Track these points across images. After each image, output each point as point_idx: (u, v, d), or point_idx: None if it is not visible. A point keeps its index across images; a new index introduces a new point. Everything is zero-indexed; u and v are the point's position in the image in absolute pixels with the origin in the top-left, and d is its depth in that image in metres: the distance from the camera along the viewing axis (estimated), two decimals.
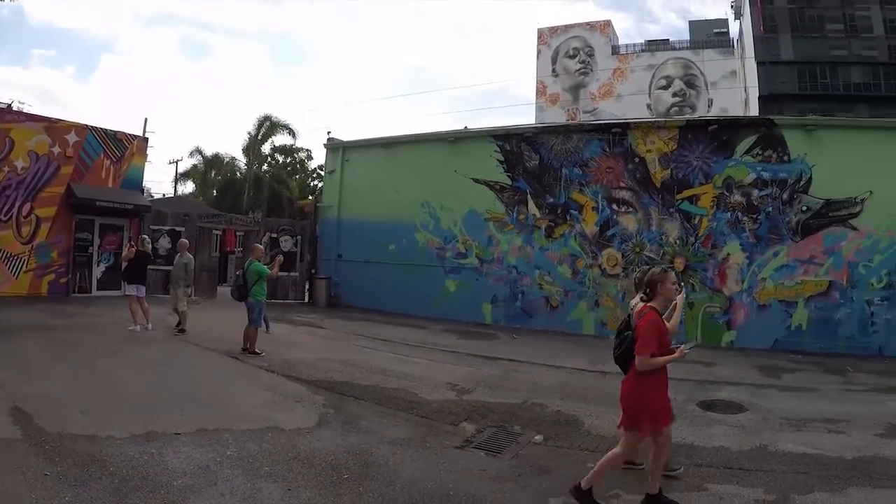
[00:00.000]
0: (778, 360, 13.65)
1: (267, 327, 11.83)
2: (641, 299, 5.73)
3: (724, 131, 16.62)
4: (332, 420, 7.52)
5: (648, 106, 65.57)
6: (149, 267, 14.22)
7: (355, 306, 19.58)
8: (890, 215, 15.20)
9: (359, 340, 13.92)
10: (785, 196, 15.84)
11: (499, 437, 7.27)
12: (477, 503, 5.33)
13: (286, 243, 21.72)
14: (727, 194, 16.18)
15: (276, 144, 51.61)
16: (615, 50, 71.58)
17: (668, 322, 5.76)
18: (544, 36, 73.58)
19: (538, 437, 7.31)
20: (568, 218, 17.52)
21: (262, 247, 14.03)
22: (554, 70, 71.80)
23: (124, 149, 21.17)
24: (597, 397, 9.44)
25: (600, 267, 17.06)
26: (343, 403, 8.34)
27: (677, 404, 9.12)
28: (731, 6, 64.70)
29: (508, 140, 18.60)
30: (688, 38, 72.24)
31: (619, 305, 16.35)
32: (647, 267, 6.55)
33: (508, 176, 18.45)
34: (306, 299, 21.67)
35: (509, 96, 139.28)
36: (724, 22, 71.48)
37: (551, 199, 17.82)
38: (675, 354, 5.34)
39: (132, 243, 15.21)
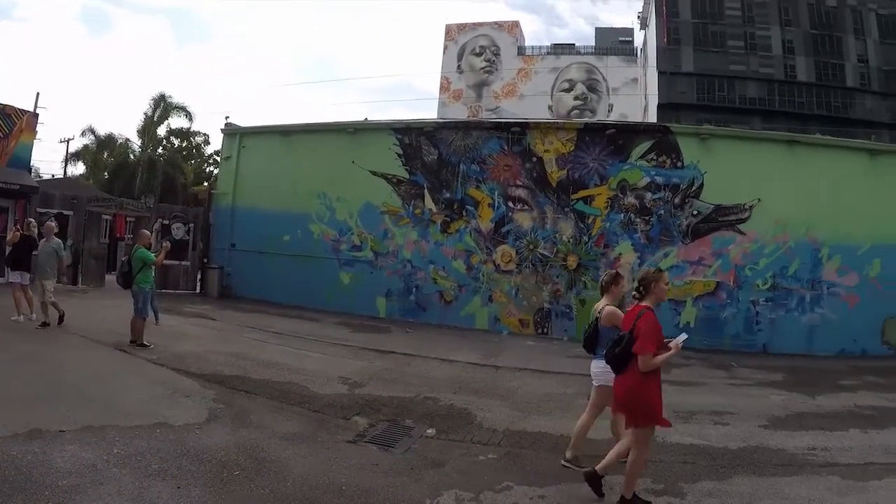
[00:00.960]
0: None
1: (156, 318, 11.46)
2: (634, 297, 5.94)
3: (621, 135, 17.20)
4: (222, 415, 7.29)
5: (550, 107, 66.86)
6: (34, 253, 13.08)
7: (248, 298, 18.97)
8: (776, 222, 16.34)
9: (251, 333, 13.56)
10: (677, 200, 16.54)
11: (391, 431, 7.26)
12: (370, 497, 5.28)
13: (178, 231, 20.68)
14: (621, 196, 16.70)
15: (173, 127, 50.09)
16: (521, 51, 72.73)
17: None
18: (452, 32, 73.92)
19: (431, 431, 7.34)
20: (464, 214, 17.60)
21: (149, 233, 13.30)
22: (459, 67, 72.31)
23: (12, 124, 19.55)
24: (489, 391, 9.65)
25: (494, 263, 17.22)
26: (234, 398, 8.11)
27: (568, 398, 9.45)
28: (638, 17, 66.98)
29: (408, 134, 18.52)
30: (593, 44, 74.11)
31: (512, 301, 16.88)
32: (615, 272, 7.27)
33: (406, 170, 18.36)
34: (198, 290, 20.87)
35: (416, 90, 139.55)
36: (630, 31, 74.22)
37: (448, 195, 17.86)
38: (672, 351, 5.45)
39: (17, 227, 14.15)
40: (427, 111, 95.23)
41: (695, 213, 16.51)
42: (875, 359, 15.48)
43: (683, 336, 5.57)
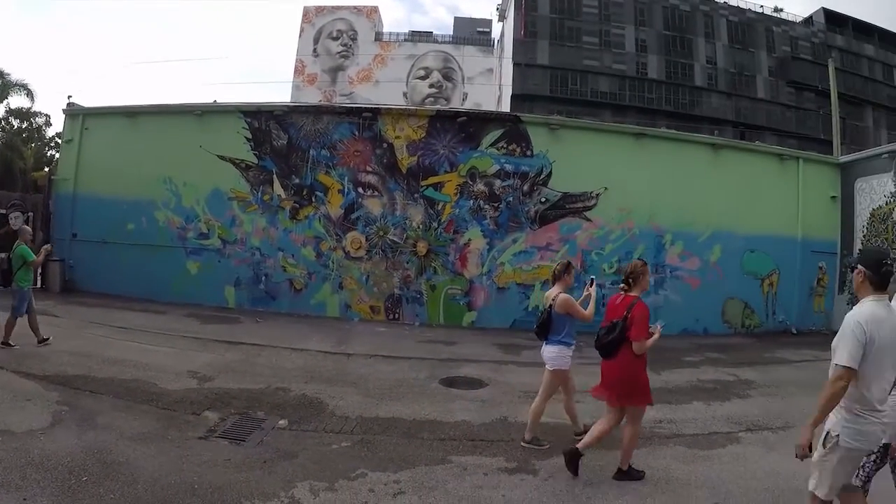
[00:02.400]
0: (517, 339, 14.52)
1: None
2: (621, 289, 6.35)
3: (473, 123, 17.51)
4: (66, 418, 6.99)
5: (405, 94, 66.96)
6: None
7: (93, 291, 17.87)
8: (621, 210, 17.45)
9: (96, 329, 12.83)
10: (526, 188, 17.14)
11: (243, 424, 7.22)
12: (223, 494, 5.26)
13: (16, 220, 18.40)
14: (471, 183, 17.08)
15: (12, 107, 46.29)
16: (379, 36, 72.27)
17: (586, 311, 7.17)
18: (310, 14, 72.37)
19: (283, 422, 7.35)
20: (313, 200, 17.36)
21: (29, 228, 12.60)
22: (315, 50, 71.00)
23: None
24: (341, 379, 9.74)
25: (344, 250, 17.14)
26: (78, 399, 7.75)
27: (420, 382, 9.61)
28: (497, 8, 68.02)
29: (258, 117, 17.93)
30: (451, 33, 74.79)
31: (363, 287, 16.94)
32: (567, 262, 7.63)
33: (255, 154, 17.80)
34: (38, 284, 19.59)
35: (272, 73, 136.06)
36: (489, 22, 75.38)
37: (297, 180, 17.53)
38: (656, 335, 6.07)
39: None
40: (281, 95, 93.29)
41: (543, 200, 17.19)
42: (716, 336, 17.13)
43: (662, 323, 6.25)
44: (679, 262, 17.92)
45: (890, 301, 4.22)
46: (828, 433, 4.29)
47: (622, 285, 6.39)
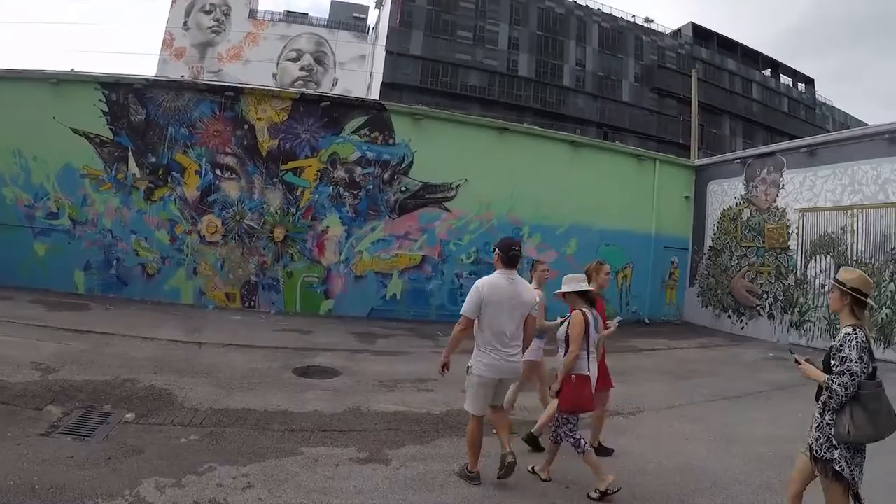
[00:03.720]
0: (374, 328, 14.72)
1: None
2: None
3: (337, 109, 17.39)
4: None
5: (274, 76, 66.00)
6: None
7: None
8: (480, 201, 17.94)
9: None
10: (386, 176, 17.30)
11: (88, 418, 6.87)
12: (64, 494, 4.96)
13: None
14: (331, 169, 17.00)
15: None
16: (253, 14, 70.88)
17: (542, 322, 7.62)
18: None
19: (130, 416, 7.06)
20: (169, 180, 16.56)
21: None
22: (186, 23, 68.65)
23: None
24: (192, 369, 9.44)
25: (199, 234, 16.53)
26: None
27: (273, 372, 9.49)
28: None
29: (116, 90, 16.79)
30: (327, 16, 73.91)
31: (218, 274, 16.42)
32: (535, 260, 8.53)
33: (111, 129, 16.65)
34: None
35: (138, 43, 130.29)
36: (365, 9, 75.30)
37: (154, 159, 16.62)
38: (612, 328, 6.96)
39: None
40: (149, 68, 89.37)
41: (403, 189, 17.43)
42: None
43: (620, 318, 6.75)
44: (537, 255, 18.31)
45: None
46: (469, 366, 5.99)
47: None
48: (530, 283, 7.44)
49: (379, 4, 65.14)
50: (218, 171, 16.73)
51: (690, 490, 6.05)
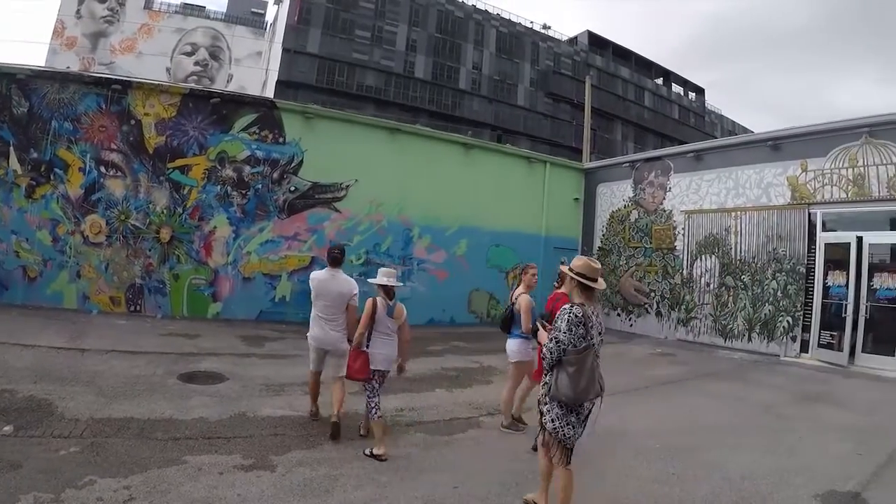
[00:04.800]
0: (262, 331, 14.54)
1: None
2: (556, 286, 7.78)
3: (227, 105, 16.92)
4: None
5: (168, 70, 64.22)
6: None
7: None
8: (371, 202, 17.96)
9: None
10: (275, 175, 16.99)
11: None
12: None
13: None
14: (219, 168, 16.51)
15: None
16: (149, 4, 68.47)
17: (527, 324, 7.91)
18: None
19: (8, 429, 6.65)
20: (52, 177, 15.54)
21: None
22: (79, 11, 65.50)
23: None
24: (73, 377, 9.01)
25: (83, 234, 15.59)
26: None
27: (157, 379, 9.21)
28: None
29: None
30: (225, 10, 72.61)
31: (102, 276, 15.57)
32: (525, 265, 8.96)
33: None
34: None
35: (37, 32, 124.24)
36: (264, 4, 74.05)
37: (36, 155, 15.54)
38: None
39: None
40: (37, 57, 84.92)
41: (292, 189, 17.17)
42: (462, 326, 18.32)
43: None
44: (426, 255, 18.89)
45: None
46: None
47: (556, 283, 7.86)
48: (518, 286, 8.45)
49: (278, 0, 64.22)
50: (103, 169, 15.85)
51: (578, 484, 6.07)
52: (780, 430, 8.62)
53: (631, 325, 20.74)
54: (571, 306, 5.16)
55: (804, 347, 15.86)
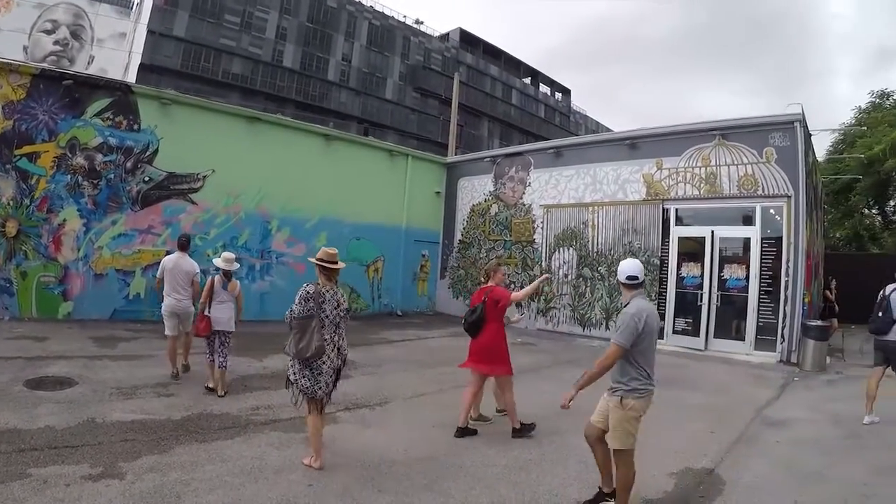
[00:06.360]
0: (115, 330, 13.82)
1: None
2: (480, 282, 8.69)
3: (80, 89, 15.65)
4: None
5: (25, 48, 60.54)
6: None
7: None
8: (228, 193, 17.55)
9: None
10: (129, 164, 16.00)
11: None
12: None
13: None
14: (70, 156, 15.27)
15: None
16: None
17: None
18: None
19: None
20: None
21: None
22: None
23: None
24: None
25: None
26: None
27: (3, 386, 8.58)
28: None
29: None
30: None
31: None
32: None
33: None
34: None
35: None
36: None
37: None
38: (521, 319, 8.14)
39: None
40: None
41: (146, 179, 16.28)
42: None
43: (522, 313, 7.04)
44: (285, 248, 18.76)
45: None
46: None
47: (481, 278, 8.69)
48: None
49: None
50: None
51: (436, 476, 6.42)
52: None
53: None
54: (307, 285, 6.44)
55: (660, 335, 16.89)
